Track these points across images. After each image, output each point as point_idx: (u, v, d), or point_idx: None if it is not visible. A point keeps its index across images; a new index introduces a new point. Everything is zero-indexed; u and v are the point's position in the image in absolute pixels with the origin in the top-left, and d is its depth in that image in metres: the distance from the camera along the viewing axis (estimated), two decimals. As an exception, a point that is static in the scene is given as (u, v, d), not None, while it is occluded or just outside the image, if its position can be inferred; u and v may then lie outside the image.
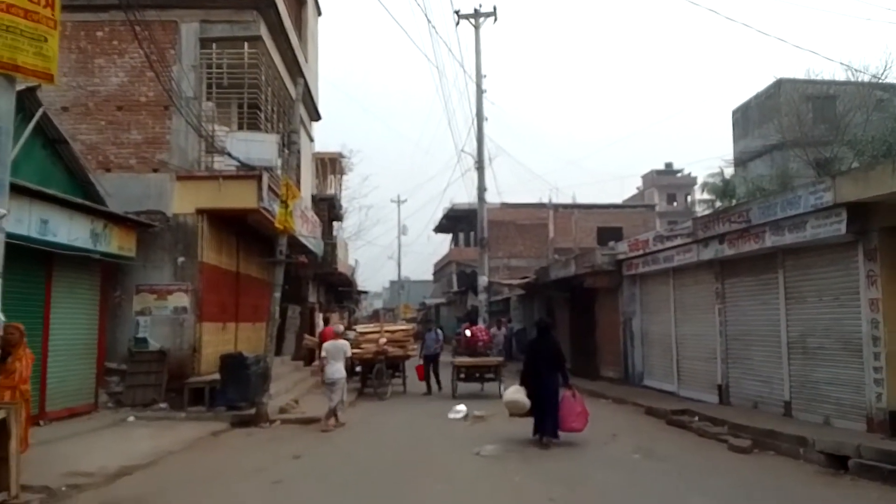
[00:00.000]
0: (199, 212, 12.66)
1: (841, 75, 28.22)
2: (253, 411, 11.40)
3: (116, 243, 11.45)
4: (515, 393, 9.87)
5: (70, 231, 10.09)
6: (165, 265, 12.62)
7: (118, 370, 12.32)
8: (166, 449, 8.90)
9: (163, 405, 12.03)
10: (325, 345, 11.51)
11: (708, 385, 12.34)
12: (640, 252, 14.68)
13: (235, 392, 11.81)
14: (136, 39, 11.27)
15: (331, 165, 31.26)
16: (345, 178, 34.03)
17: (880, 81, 26.80)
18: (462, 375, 15.44)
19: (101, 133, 12.77)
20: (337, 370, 11.02)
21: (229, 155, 12.28)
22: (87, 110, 12.79)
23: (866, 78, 26.96)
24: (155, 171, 12.74)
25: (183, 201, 12.60)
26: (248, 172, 12.54)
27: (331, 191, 30.67)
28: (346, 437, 10.33)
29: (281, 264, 11.96)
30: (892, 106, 26.91)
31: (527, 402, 9.58)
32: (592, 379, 16.74)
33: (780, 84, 30.95)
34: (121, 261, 11.88)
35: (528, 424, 9.54)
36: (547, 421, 9.30)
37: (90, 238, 10.65)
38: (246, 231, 14.76)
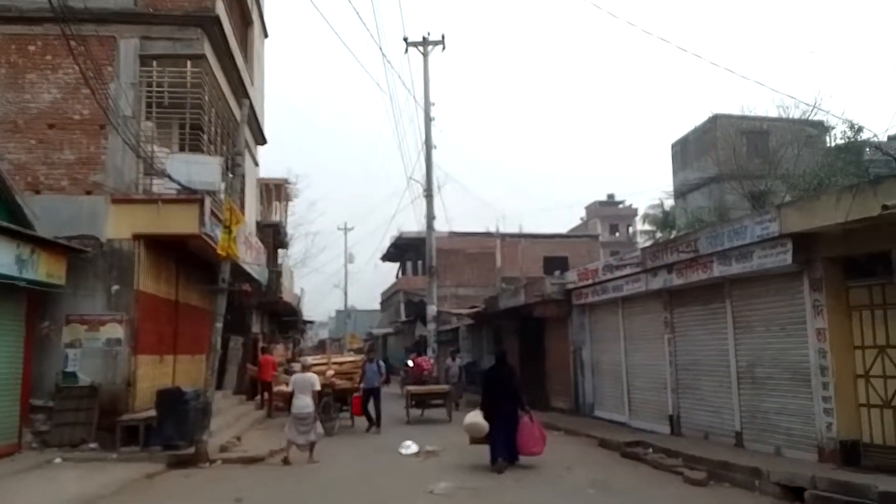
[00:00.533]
0: (136, 237, 12.02)
1: (773, 112, 29.63)
2: (192, 450, 10.73)
3: (45, 270, 10.71)
4: (475, 416, 10.25)
5: (-8, 256, 9.37)
6: (98, 294, 11.89)
7: (44, 407, 11.45)
8: (94, 493, 8.22)
9: (93, 445, 11.20)
10: (293, 377, 11.61)
11: (659, 415, 12.33)
12: (590, 281, 14.71)
13: (173, 430, 11.10)
14: (72, 54, 10.68)
15: (276, 192, 30.66)
16: (291, 204, 33.45)
17: (810, 119, 28.26)
18: (413, 402, 16.90)
19: (31, 152, 12.05)
20: (306, 404, 10.94)
21: (169, 177, 11.73)
22: (16, 127, 12.06)
23: (797, 115, 28.40)
24: (88, 193, 12.06)
25: (118, 226, 11.94)
26: (190, 196, 12.00)
27: (276, 217, 30.04)
28: (291, 477, 9.80)
29: (223, 293, 11.42)
30: (821, 142, 28.39)
31: (485, 425, 9.94)
32: (543, 409, 16.55)
33: (715, 119, 32.21)
34: (49, 289, 11.11)
35: (481, 457, 9.32)
36: (503, 445, 9.69)
37: (15, 264, 9.91)
38: (186, 257, 14.12)
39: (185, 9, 12.94)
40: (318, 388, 11.37)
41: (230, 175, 12.27)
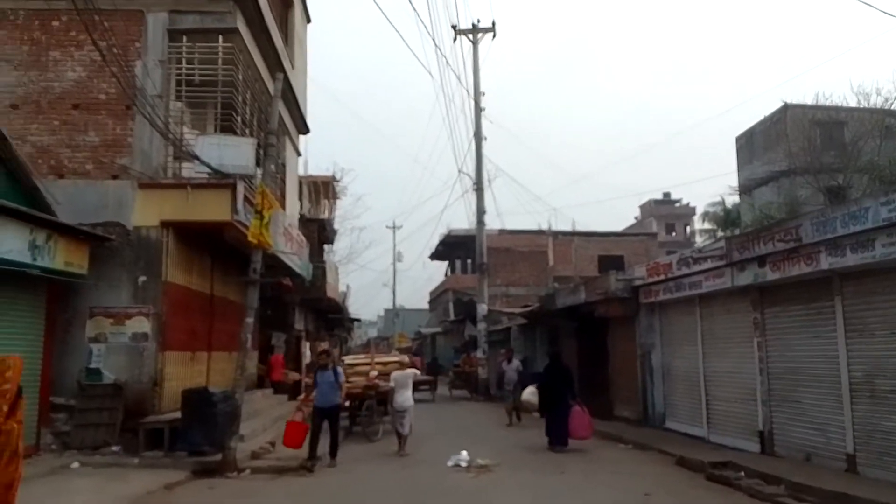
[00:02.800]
0: (164, 224, 11.11)
1: (851, 100, 27.28)
2: (219, 457, 9.73)
3: (63, 258, 9.84)
4: (532, 395, 13.11)
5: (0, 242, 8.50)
6: (124, 285, 11.02)
7: (66, 406, 10.65)
8: (102, 510, 7.23)
9: (115, 448, 10.35)
10: (394, 374, 12.11)
11: (746, 430, 10.69)
12: (661, 277, 13.12)
13: (200, 434, 10.15)
14: (87, 32, 9.79)
15: (324, 189, 29.95)
16: (338, 201, 32.76)
17: (891, 108, 25.85)
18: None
19: (54, 134, 11.27)
20: (406, 398, 11.57)
21: (199, 160, 10.75)
22: (39, 108, 11.30)
23: (877, 103, 26.02)
24: (114, 177, 11.21)
25: (145, 212, 11.05)
26: (221, 181, 11.02)
27: (325, 214, 29.32)
28: (325, 492, 8.65)
29: (255, 284, 10.38)
30: (904, 133, 25.94)
31: (536, 402, 12.90)
32: (605, 418, 15.04)
33: (786, 109, 29.92)
34: (69, 278, 10.26)
35: (540, 469, 8.56)
36: (558, 430, 11.73)
37: (28, 250, 9.05)
38: (223, 249, 13.18)
39: (218, -21, 12.00)
40: (414, 379, 12.51)
41: (265, 156, 11.18)
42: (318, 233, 24.59)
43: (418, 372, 13.11)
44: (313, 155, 54.64)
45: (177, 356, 11.74)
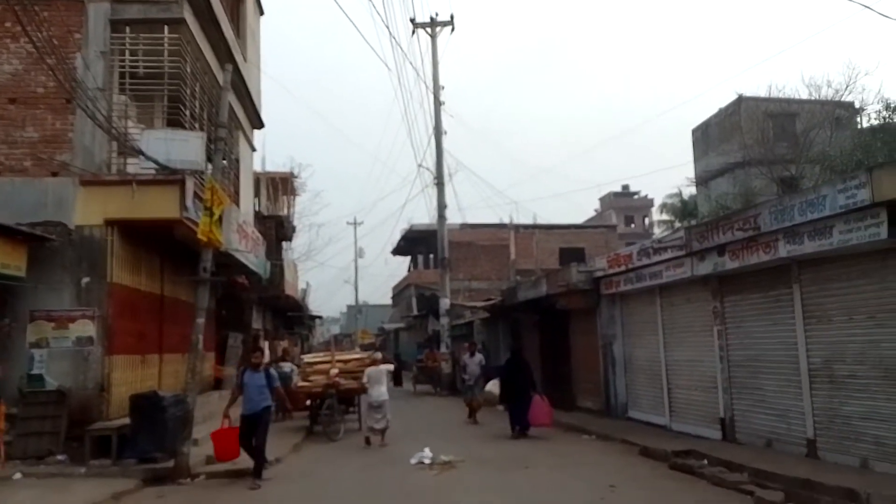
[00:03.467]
0: (109, 223, 10.59)
1: (802, 93, 27.89)
2: (171, 464, 9.33)
3: (-1, 260, 9.29)
4: (494, 387, 13.85)
5: (-73, 244, 7.96)
6: (66, 287, 10.47)
7: (7, 415, 10.08)
8: (41, 525, 6.81)
9: (60, 458, 9.84)
10: (367, 371, 12.55)
11: (708, 418, 10.75)
12: (622, 268, 13.12)
13: (149, 440, 9.70)
14: (20, 24, 9.25)
15: (282, 185, 29.39)
16: (297, 198, 32.23)
17: (841, 100, 26.51)
18: None
19: (-11, 130, 10.64)
20: (381, 393, 12.02)
21: (144, 155, 10.27)
22: (-27, 103, 10.66)
23: (828, 95, 26.65)
24: (54, 174, 10.63)
25: (88, 211, 10.51)
26: (170, 177, 10.55)
27: (284, 211, 28.79)
28: (283, 495, 8.36)
29: (205, 283, 9.98)
30: (854, 124, 26.65)
31: (497, 394, 13.66)
32: (568, 410, 15.04)
33: (740, 101, 30.48)
34: (6, 281, 9.69)
35: (503, 467, 8.44)
36: (520, 417, 12.47)
37: (-42, 253, 8.51)
38: (173, 248, 12.67)
39: (163, -32, 11.50)
40: (387, 375, 12.91)
41: (215, 150, 10.75)
42: (276, 230, 24.04)
43: (391, 367, 13.74)
44: (270, 151, 53.71)
45: (125, 360, 11.23)
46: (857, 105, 25.96)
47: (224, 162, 11.25)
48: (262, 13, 19.81)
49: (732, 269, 9.81)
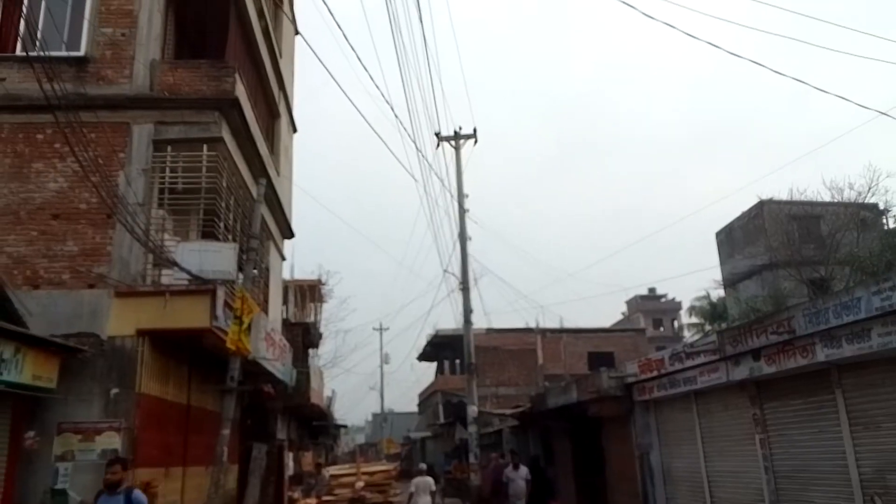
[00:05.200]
0: (140, 333, 10.71)
1: (824, 195, 28.01)
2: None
3: (30, 371, 9.37)
4: None
5: (-36, 357, 8.10)
6: (95, 398, 10.46)
7: (28, 534, 9.84)
8: None
9: (79, 577, 9.49)
10: (414, 480, 13.55)
11: (756, 535, 10.09)
12: (654, 373, 12.80)
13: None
14: (69, 147, 9.90)
15: (310, 292, 29.78)
16: (324, 305, 32.56)
17: (864, 202, 26.58)
18: None
19: (32, 244, 11.04)
20: (426, 503, 13.16)
21: (178, 266, 10.56)
22: (18, 219, 11.12)
23: (850, 197, 26.76)
24: (91, 286, 10.90)
25: (121, 321, 10.67)
26: (200, 286, 10.77)
27: (311, 318, 29.00)
28: None
29: (232, 393, 9.93)
30: (880, 225, 26.55)
31: None
32: (606, 526, 14.24)
33: (762, 205, 30.73)
34: (37, 393, 9.74)
35: None
36: None
37: (-7, 365, 8.63)
38: (201, 357, 12.72)
39: (204, 93, 12.23)
40: (433, 489, 13.85)
41: (246, 259, 11.02)
42: (303, 336, 24.10)
43: (437, 484, 14.66)
44: (299, 257, 54.74)
45: (149, 473, 10.99)
46: (881, 206, 25.97)
47: (255, 271, 11.49)
48: (295, 130, 20.84)
49: (770, 374, 9.53)
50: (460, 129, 27.97)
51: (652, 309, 70.18)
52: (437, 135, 27.80)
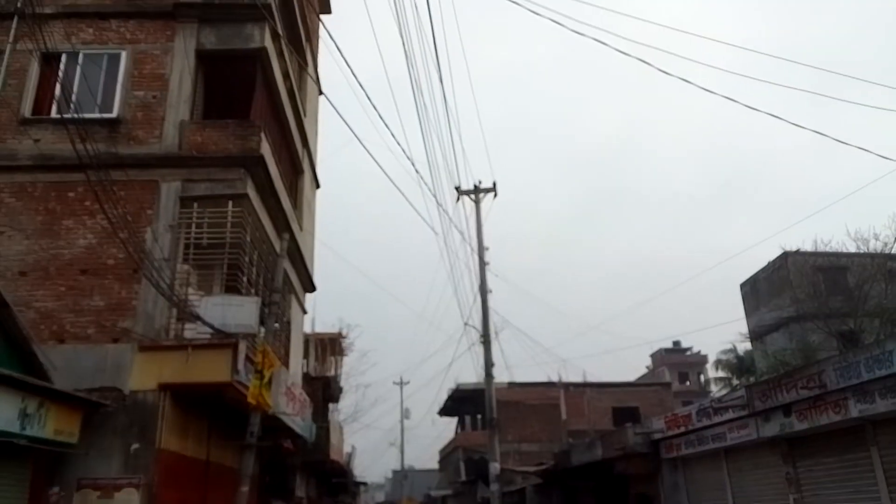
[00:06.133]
0: (162, 387, 10.75)
1: (849, 246, 27.57)
2: None
3: (53, 426, 9.41)
4: None
5: (-11, 411, 8.17)
6: (115, 453, 10.43)
7: None
8: None
9: None
10: None
11: None
12: (682, 430, 12.49)
13: None
14: (99, 204, 10.20)
15: (331, 346, 29.73)
16: (345, 359, 32.45)
17: (891, 252, 26.12)
18: None
19: (60, 300, 11.25)
20: None
21: (201, 321, 10.65)
22: (47, 275, 11.37)
23: (877, 248, 26.33)
24: (115, 340, 11.02)
25: (143, 375, 10.74)
26: (223, 340, 10.82)
27: (331, 372, 28.88)
28: None
29: (251, 448, 9.85)
30: (907, 277, 25.99)
31: None
32: (635, 592, 13.66)
33: (786, 256, 30.35)
34: (59, 448, 9.75)
35: None
36: None
37: (17, 419, 8.66)
38: (221, 411, 12.67)
39: (230, 151, 12.57)
40: None
41: (268, 313, 11.08)
42: (323, 391, 23.96)
43: None
44: (320, 310, 54.95)
45: (167, 531, 10.87)
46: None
47: (276, 325, 11.54)
48: (318, 186, 21.22)
49: (801, 430, 9.26)
50: (480, 182, 28.20)
51: (677, 362, 68.80)
52: (458, 189, 28.12)
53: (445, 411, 47.20)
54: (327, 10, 23.38)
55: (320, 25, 19.73)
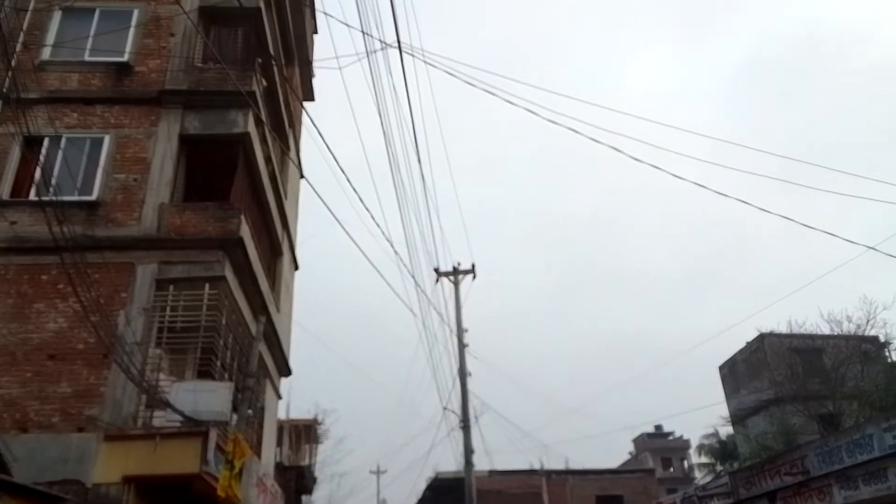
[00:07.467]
0: (127, 480, 10.22)
1: (823, 328, 27.87)
2: None
3: (7, 524, 8.88)
4: None
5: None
6: (72, 554, 9.83)
7: None
8: None
9: None
10: None
11: None
12: (666, 519, 12.14)
13: None
14: (72, 287, 10.05)
15: (305, 433, 28.86)
16: (320, 446, 31.44)
17: (864, 334, 26.46)
18: None
19: (25, 386, 10.83)
20: None
21: (172, 408, 10.31)
22: (14, 360, 11.00)
23: (850, 330, 26.66)
24: (80, 429, 10.58)
25: (108, 467, 10.24)
26: (193, 429, 10.44)
27: (305, 461, 27.89)
28: None
29: (218, 547, 9.33)
30: (883, 358, 26.26)
31: None
32: None
33: (763, 338, 30.57)
34: (13, 548, 9.16)
35: None
36: None
37: (-32, 517, 8.18)
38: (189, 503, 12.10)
39: (209, 233, 12.54)
40: None
41: (241, 398, 10.78)
42: (296, 481, 23.10)
43: None
44: (296, 395, 53.52)
45: None
46: (881, 339, 25.82)
47: (249, 411, 11.21)
48: (297, 268, 21.16)
49: (788, 519, 9.05)
50: (459, 264, 28.41)
51: (660, 447, 67.70)
52: (437, 270, 28.24)
53: (424, 502, 45.47)
54: (311, 98, 24.08)
55: (303, 112, 20.27)
